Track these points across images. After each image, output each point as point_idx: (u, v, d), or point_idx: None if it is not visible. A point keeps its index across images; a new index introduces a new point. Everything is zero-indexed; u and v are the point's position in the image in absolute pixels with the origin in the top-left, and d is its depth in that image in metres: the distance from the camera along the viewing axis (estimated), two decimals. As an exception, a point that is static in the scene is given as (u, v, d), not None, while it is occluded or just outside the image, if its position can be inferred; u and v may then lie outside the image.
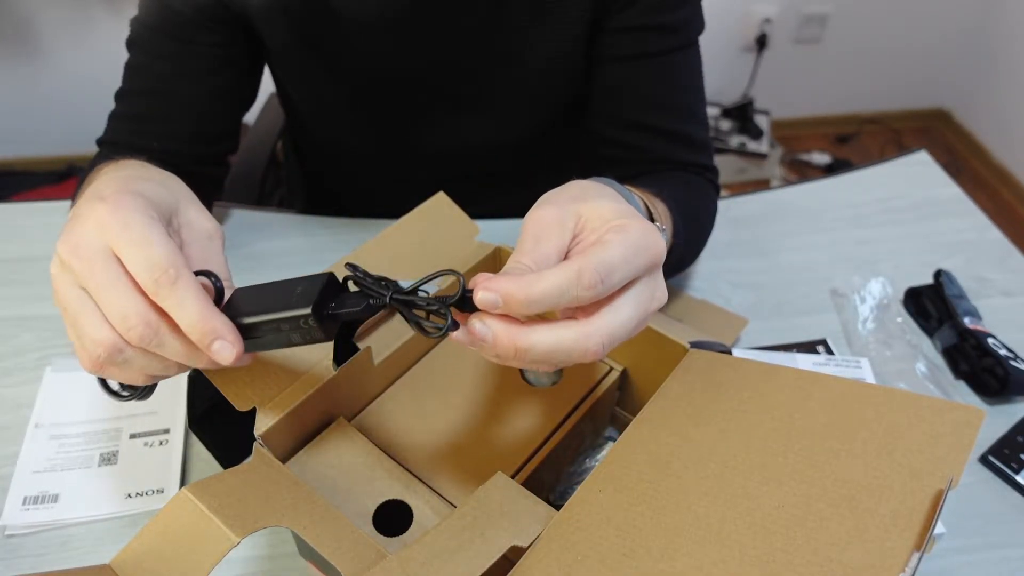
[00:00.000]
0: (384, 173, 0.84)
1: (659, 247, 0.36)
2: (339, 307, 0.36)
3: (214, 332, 0.35)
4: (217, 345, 0.35)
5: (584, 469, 0.55)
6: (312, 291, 0.36)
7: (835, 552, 0.32)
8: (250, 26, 0.67)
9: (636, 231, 0.35)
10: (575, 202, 0.38)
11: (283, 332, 0.36)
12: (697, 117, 0.71)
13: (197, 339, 0.35)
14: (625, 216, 0.37)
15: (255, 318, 0.36)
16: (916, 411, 0.38)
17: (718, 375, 0.45)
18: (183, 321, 0.35)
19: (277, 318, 0.36)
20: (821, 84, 2.37)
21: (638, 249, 0.35)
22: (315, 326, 0.35)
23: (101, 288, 0.35)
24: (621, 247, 0.34)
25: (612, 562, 0.34)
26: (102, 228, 0.36)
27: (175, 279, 0.35)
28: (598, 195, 0.39)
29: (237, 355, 0.36)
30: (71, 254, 0.36)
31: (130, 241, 0.35)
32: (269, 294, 0.37)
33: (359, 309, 0.36)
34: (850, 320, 0.72)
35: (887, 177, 0.91)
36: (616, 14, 0.65)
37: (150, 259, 0.35)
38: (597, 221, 0.37)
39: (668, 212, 0.57)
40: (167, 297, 0.35)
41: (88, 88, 1.93)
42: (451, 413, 0.50)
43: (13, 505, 0.54)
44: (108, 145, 0.67)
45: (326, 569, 0.42)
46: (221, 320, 0.35)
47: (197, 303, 0.35)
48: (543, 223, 0.37)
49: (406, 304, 0.35)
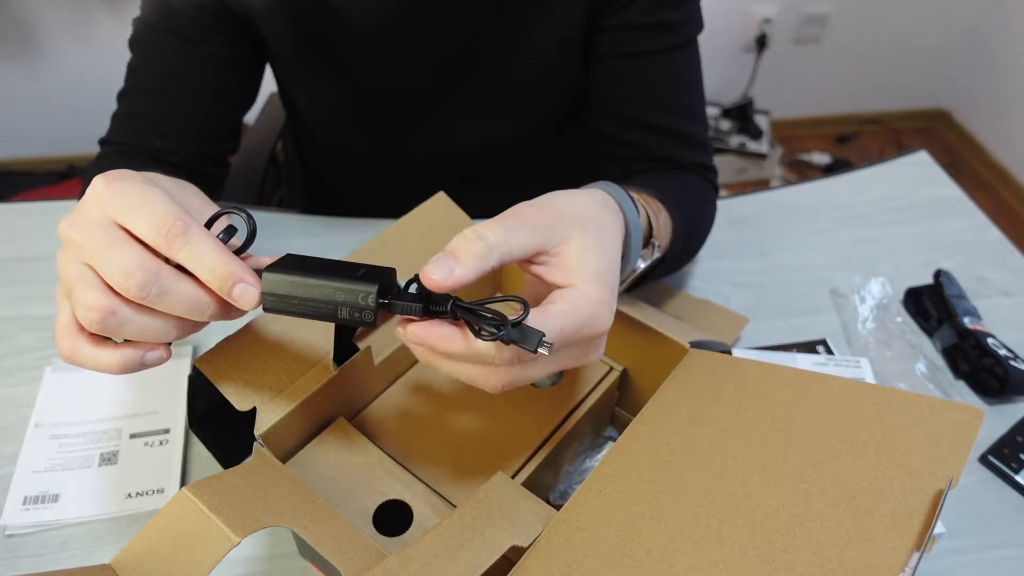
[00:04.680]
0: (384, 173, 0.84)
1: (603, 320, 0.37)
2: (398, 298, 0.36)
3: (235, 275, 0.34)
4: (239, 288, 0.35)
5: (584, 469, 0.55)
6: (377, 276, 0.36)
7: (835, 552, 0.32)
8: (252, 26, 0.67)
9: (586, 306, 0.36)
10: (572, 225, 0.38)
11: (334, 304, 0.36)
12: (697, 116, 0.71)
13: (218, 285, 0.34)
14: (591, 280, 0.37)
15: (315, 279, 0.36)
16: (916, 411, 0.38)
17: (718, 375, 0.45)
18: (202, 269, 0.34)
19: (339, 286, 0.35)
20: (821, 84, 2.37)
21: (581, 325, 0.36)
22: (372, 307, 0.35)
23: (99, 251, 0.34)
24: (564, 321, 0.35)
25: (612, 562, 0.34)
26: (100, 200, 0.35)
27: (185, 229, 0.34)
28: (596, 230, 0.39)
29: (258, 299, 0.35)
30: (70, 227, 0.35)
31: (130, 206, 0.34)
32: (328, 266, 0.37)
33: (419, 306, 0.36)
34: (850, 320, 0.72)
35: (887, 177, 0.91)
36: (616, 13, 0.66)
37: (154, 215, 0.34)
38: (573, 265, 0.37)
39: (669, 220, 0.57)
40: (181, 248, 0.34)
41: (88, 88, 1.93)
42: (451, 413, 0.50)
43: (13, 505, 0.54)
44: (111, 145, 0.67)
45: (326, 569, 0.42)
46: (240, 264, 0.35)
47: (214, 248, 0.34)
48: (532, 219, 0.37)
49: (469, 312, 0.35)
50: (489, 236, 0.35)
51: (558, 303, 0.36)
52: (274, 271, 0.36)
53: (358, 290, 0.35)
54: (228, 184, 0.97)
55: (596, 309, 0.37)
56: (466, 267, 0.34)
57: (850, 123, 2.48)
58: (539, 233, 0.37)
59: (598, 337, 0.38)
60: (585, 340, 0.37)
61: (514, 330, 0.34)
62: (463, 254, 0.34)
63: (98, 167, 0.65)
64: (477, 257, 0.34)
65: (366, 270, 0.37)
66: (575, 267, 0.37)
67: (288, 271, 0.36)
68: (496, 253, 0.35)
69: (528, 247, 0.36)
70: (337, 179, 0.90)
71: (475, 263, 0.34)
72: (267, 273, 0.36)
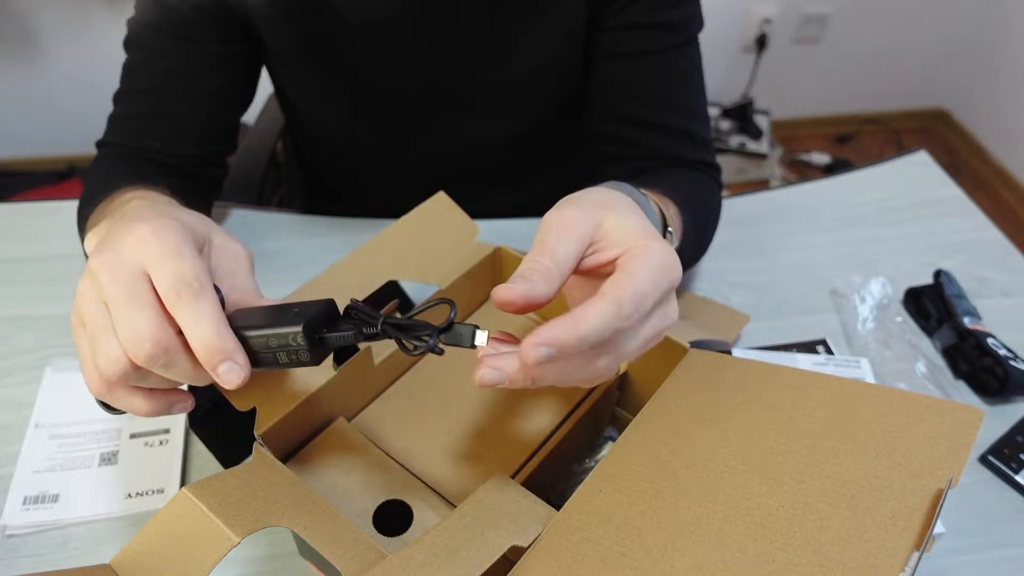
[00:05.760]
0: (384, 173, 0.84)
1: (677, 269, 0.37)
2: (331, 331, 0.37)
3: (224, 352, 0.35)
4: (224, 366, 0.35)
5: (584, 469, 0.55)
6: (308, 313, 0.36)
7: (835, 552, 0.32)
8: (249, 25, 0.67)
9: (657, 254, 0.36)
10: (597, 208, 0.38)
11: (272, 351, 0.36)
12: (699, 114, 0.71)
13: (206, 357, 0.35)
14: (646, 236, 0.37)
15: (247, 332, 0.36)
16: (916, 411, 0.38)
17: (718, 375, 0.45)
18: (196, 336, 0.34)
19: (267, 334, 0.36)
20: (821, 84, 2.37)
21: (661, 272, 0.35)
22: (303, 346, 0.35)
23: (119, 305, 0.35)
24: (648, 273, 0.35)
25: (612, 562, 0.34)
26: (140, 245, 0.36)
27: (199, 293, 0.35)
28: (621, 206, 0.39)
29: (243, 379, 0.35)
30: (102, 266, 0.36)
31: (163, 255, 0.35)
32: (267, 313, 0.38)
33: (350, 334, 0.36)
34: (850, 320, 0.72)
35: (887, 177, 0.91)
36: (616, 12, 0.66)
37: (179, 271, 0.35)
38: (618, 234, 0.37)
39: (678, 213, 0.57)
40: (185, 308, 0.34)
41: (88, 88, 1.93)
42: (451, 413, 0.50)
43: (13, 505, 0.54)
44: (108, 147, 0.67)
45: (326, 569, 0.42)
46: (234, 342, 0.35)
47: (214, 320, 0.35)
48: (564, 224, 0.37)
49: (398, 329, 0.36)
50: (541, 260, 0.35)
51: (632, 260, 0.35)
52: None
53: (286, 332, 0.35)
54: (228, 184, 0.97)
55: (666, 256, 0.36)
56: (540, 284, 0.34)
57: (850, 123, 2.48)
58: (577, 233, 0.36)
59: (675, 286, 0.37)
60: (667, 291, 0.36)
61: (449, 334, 0.35)
62: (533, 275, 0.34)
63: (97, 169, 0.65)
64: (544, 278, 0.34)
65: (300, 308, 0.37)
66: (622, 235, 0.37)
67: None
68: (556, 274, 0.35)
69: (576, 252, 0.36)
70: (337, 179, 0.90)
71: (544, 282, 0.34)
72: None
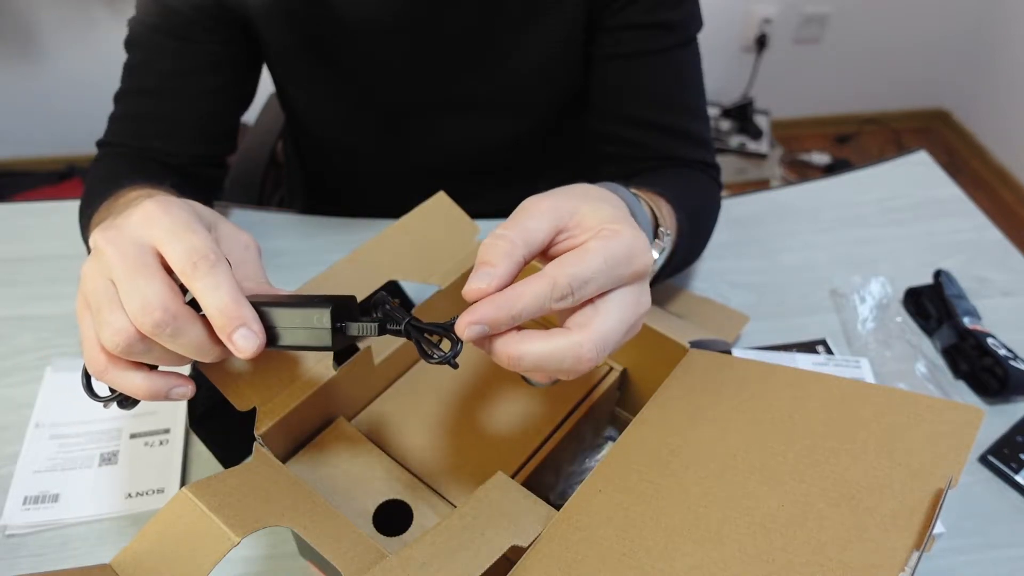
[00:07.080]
0: (384, 172, 0.84)
1: (644, 259, 0.37)
2: (354, 320, 0.37)
3: (241, 318, 0.35)
4: (241, 332, 0.35)
5: (584, 469, 0.55)
6: (335, 298, 0.37)
7: (835, 552, 0.32)
8: (249, 25, 0.67)
9: (622, 241, 0.36)
10: (575, 197, 0.38)
11: (292, 328, 0.36)
12: (698, 114, 0.71)
13: (222, 324, 0.35)
14: (618, 221, 0.37)
15: (271, 308, 0.36)
16: (916, 411, 0.38)
17: (718, 375, 0.45)
18: (214, 303, 0.34)
19: (293, 312, 0.36)
20: (821, 84, 2.37)
21: (619, 260, 0.35)
22: (327, 328, 0.36)
23: (127, 275, 0.35)
24: (599, 256, 0.35)
25: (612, 562, 0.34)
26: (148, 220, 0.36)
27: (215, 263, 0.35)
28: (599, 198, 0.39)
29: (258, 347, 0.35)
30: (108, 242, 0.36)
31: (175, 230, 0.35)
32: (289, 296, 0.38)
33: (374, 325, 0.37)
34: (850, 320, 0.72)
35: (887, 177, 0.91)
36: (616, 12, 0.66)
37: (193, 243, 0.35)
38: (592, 220, 0.37)
39: (672, 212, 0.57)
40: (203, 277, 0.34)
41: (88, 88, 1.93)
42: (451, 413, 0.50)
43: (13, 505, 0.54)
44: (109, 147, 0.67)
45: (326, 569, 0.42)
46: (251, 311, 0.35)
47: (232, 288, 0.35)
48: (538, 206, 0.37)
49: (420, 332, 0.36)
50: (508, 233, 0.36)
51: (592, 243, 0.36)
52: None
53: (312, 312, 0.36)
54: (228, 184, 0.97)
55: (632, 242, 0.36)
56: (501, 266, 0.35)
57: (850, 123, 2.47)
58: (550, 214, 0.37)
59: (643, 277, 0.37)
60: (629, 280, 0.36)
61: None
62: (493, 257, 0.35)
63: (98, 168, 0.65)
64: (506, 255, 0.35)
65: (325, 295, 0.38)
66: (595, 221, 0.37)
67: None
68: (520, 245, 0.35)
69: (546, 229, 0.36)
70: (337, 179, 0.90)
71: (507, 260, 0.35)
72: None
